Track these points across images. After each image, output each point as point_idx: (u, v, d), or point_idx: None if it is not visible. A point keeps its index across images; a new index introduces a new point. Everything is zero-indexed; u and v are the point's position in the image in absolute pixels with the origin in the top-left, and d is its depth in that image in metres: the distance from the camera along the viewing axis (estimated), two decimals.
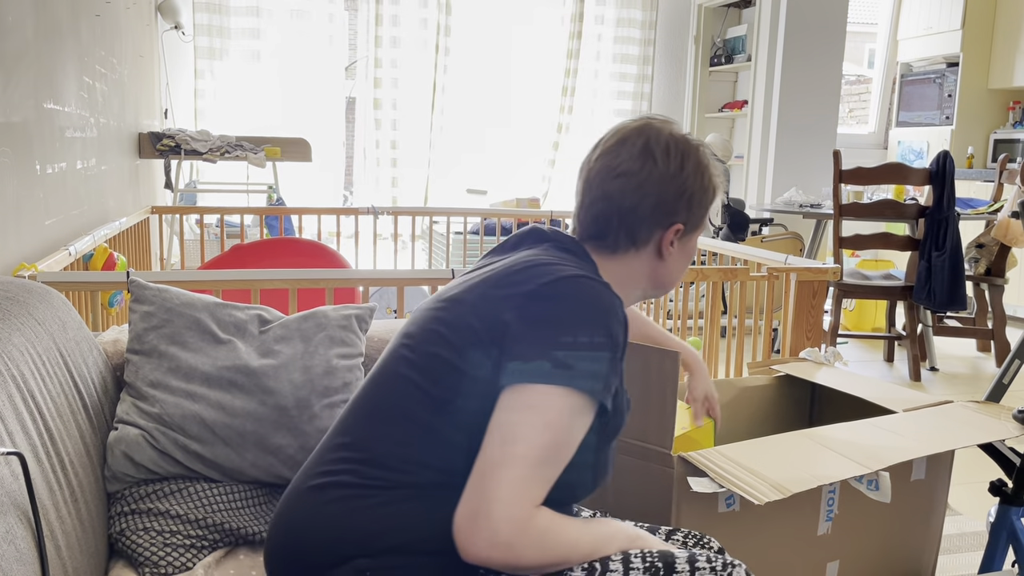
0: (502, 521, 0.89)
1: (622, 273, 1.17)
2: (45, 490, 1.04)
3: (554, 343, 0.96)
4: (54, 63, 2.66)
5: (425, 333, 1.05)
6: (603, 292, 1.02)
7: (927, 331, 4.11)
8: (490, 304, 1.02)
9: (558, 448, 0.94)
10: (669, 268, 1.19)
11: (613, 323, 1.00)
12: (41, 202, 2.51)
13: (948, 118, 6.14)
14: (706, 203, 1.19)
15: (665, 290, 1.22)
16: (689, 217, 1.17)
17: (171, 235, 4.42)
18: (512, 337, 0.98)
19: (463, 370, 1.00)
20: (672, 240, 1.16)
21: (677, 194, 1.14)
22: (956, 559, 2.12)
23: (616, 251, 1.16)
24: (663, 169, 1.14)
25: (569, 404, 0.95)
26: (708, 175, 1.18)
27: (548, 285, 1.01)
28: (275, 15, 5.26)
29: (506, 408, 0.95)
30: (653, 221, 1.14)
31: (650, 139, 1.15)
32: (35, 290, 1.30)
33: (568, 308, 0.99)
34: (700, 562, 1.00)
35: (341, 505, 1.00)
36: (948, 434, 1.54)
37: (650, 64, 6.03)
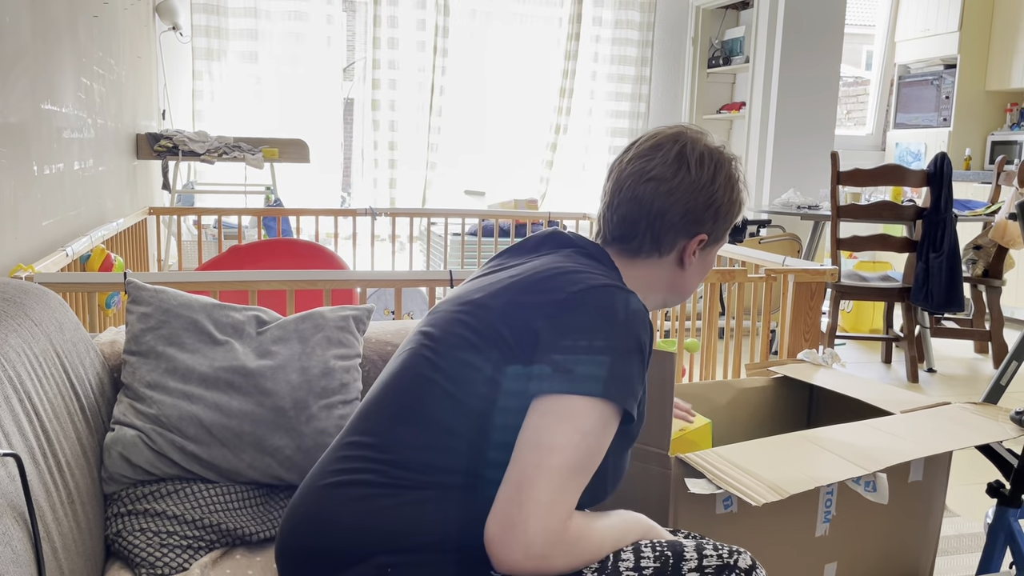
0: (539, 533, 0.90)
1: (643, 278, 1.18)
2: (41, 491, 1.04)
3: (586, 353, 0.97)
4: (51, 64, 2.66)
5: (450, 337, 1.05)
6: (632, 301, 1.03)
7: (925, 332, 4.12)
8: (519, 311, 1.02)
9: (591, 457, 0.96)
10: (687, 277, 1.21)
11: (642, 332, 1.01)
12: (38, 203, 2.51)
13: (946, 120, 6.15)
14: (731, 217, 1.20)
15: (681, 299, 1.23)
16: (714, 229, 1.18)
17: (168, 236, 4.41)
18: (544, 346, 0.99)
19: (493, 378, 1.00)
20: (695, 250, 1.17)
21: (706, 205, 1.15)
22: (954, 560, 2.12)
23: (639, 255, 1.17)
24: (695, 178, 1.15)
25: (601, 413, 0.96)
26: (737, 190, 1.19)
27: (579, 294, 1.01)
28: (273, 16, 5.26)
29: (540, 417, 0.95)
30: (680, 229, 1.16)
31: (686, 147, 1.15)
32: (32, 291, 1.29)
33: (599, 318, 0.99)
34: (707, 550, 1.01)
35: (363, 503, 0.99)
36: (946, 435, 1.54)
37: (648, 66, 6.03)
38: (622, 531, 1.02)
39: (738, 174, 1.19)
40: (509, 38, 5.78)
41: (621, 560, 0.98)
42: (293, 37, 5.31)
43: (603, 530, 0.99)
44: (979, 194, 5.49)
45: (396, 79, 5.52)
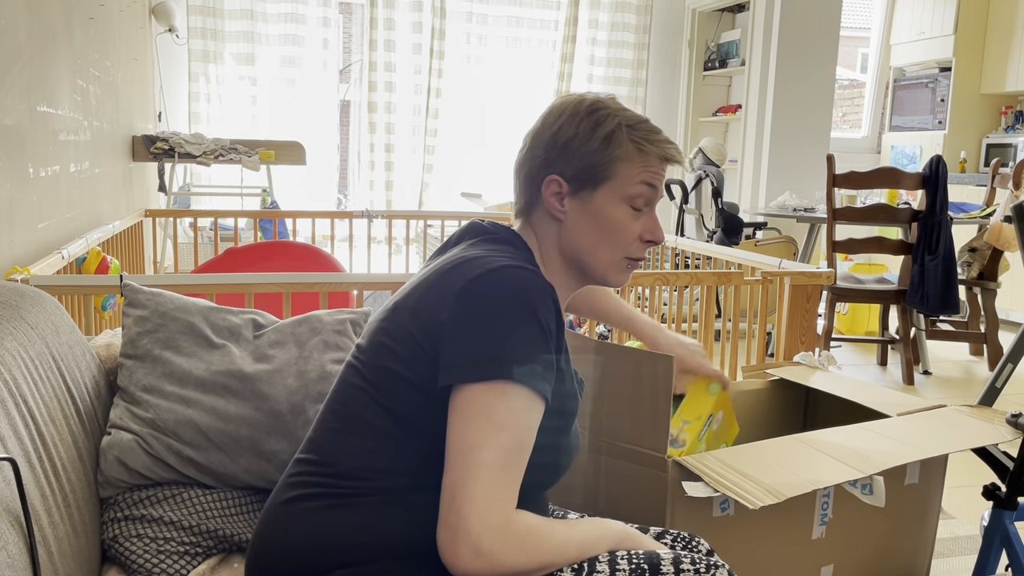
0: (481, 532, 0.89)
1: (543, 246, 1.15)
2: (37, 496, 1.04)
3: (486, 338, 0.95)
4: (47, 66, 2.65)
5: (372, 346, 1.05)
6: (529, 279, 0.99)
7: (920, 335, 4.12)
8: (426, 308, 1.01)
9: (518, 446, 0.94)
10: (572, 233, 1.12)
11: (541, 309, 0.98)
12: (34, 205, 2.50)
13: (941, 123, 6.16)
14: (590, 151, 1.09)
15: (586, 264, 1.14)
16: (567, 166, 1.10)
17: (165, 238, 4.41)
18: (447, 337, 0.97)
19: (412, 381, 1.00)
20: (559, 195, 1.11)
21: (551, 144, 1.11)
22: (950, 563, 2.13)
23: (525, 216, 1.16)
24: (542, 127, 1.13)
25: (514, 399, 0.94)
26: (593, 122, 1.10)
27: (476, 280, 0.99)
28: (269, 19, 5.26)
29: (457, 415, 0.94)
30: (530, 175, 1.14)
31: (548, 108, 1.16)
32: (27, 294, 1.29)
33: (493, 301, 0.97)
34: (685, 563, 1.00)
35: (314, 517, 1.00)
36: (941, 438, 1.55)
37: (644, 68, 6.04)
38: (593, 537, 1.00)
39: (590, 106, 1.11)
40: (505, 41, 5.79)
41: (596, 571, 0.98)
42: (290, 39, 5.31)
43: (566, 532, 0.98)
44: (974, 197, 5.50)
45: (392, 81, 5.52)
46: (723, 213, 4.58)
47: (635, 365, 1.43)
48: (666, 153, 1.12)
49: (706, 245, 3.20)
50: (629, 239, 1.13)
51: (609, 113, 1.11)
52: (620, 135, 1.10)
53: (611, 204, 1.11)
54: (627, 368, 1.44)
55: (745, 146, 5.50)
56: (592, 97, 1.13)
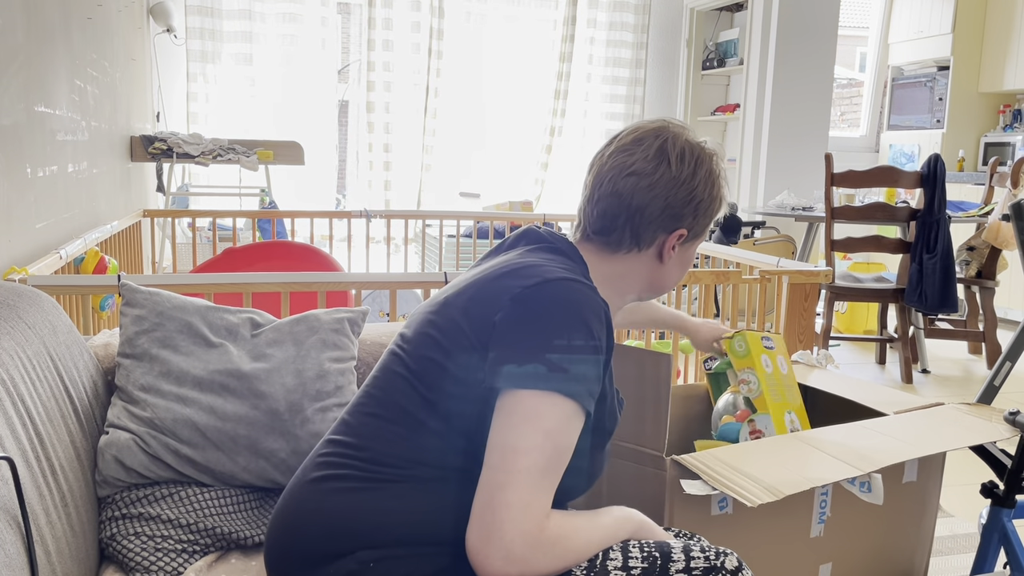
0: (516, 539, 0.90)
1: (620, 272, 1.18)
2: (35, 495, 1.04)
3: (540, 347, 0.97)
4: (45, 66, 2.65)
5: (418, 336, 1.06)
6: (587, 294, 1.02)
7: (918, 333, 4.13)
8: (479, 307, 1.02)
9: (559, 455, 0.95)
10: (667, 272, 1.21)
11: (596, 326, 1.00)
12: (32, 205, 2.50)
13: (939, 121, 6.17)
14: (712, 212, 1.20)
15: (659, 294, 1.23)
16: (694, 224, 1.18)
17: (163, 238, 4.41)
18: (499, 340, 0.99)
19: (454, 374, 1.00)
20: (675, 245, 1.18)
21: (686, 200, 1.15)
22: (948, 561, 2.13)
23: (618, 250, 1.17)
24: (676, 173, 1.14)
25: (562, 410, 0.96)
26: (718, 185, 1.19)
27: (534, 288, 1.01)
28: (267, 19, 5.26)
29: (503, 418, 0.95)
30: (659, 224, 1.15)
31: (667, 141, 1.16)
32: (25, 294, 1.29)
33: (552, 311, 0.99)
34: (695, 551, 1.01)
35: (342, 498, 1.01)
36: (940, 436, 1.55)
37: (643, 67, 6.04)
38: (612, 529, 1.02)
39: (719, 170, 1.19)
40: (504, 40, 5.79)
41: (609, 559, 0.99)
42: (288, 39, 5.30)
43: (589, 529, 0.99)
44: (972, 195, 5.51)
45: (391, 81, 5.52)
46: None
47: (636, 364, 1.44)
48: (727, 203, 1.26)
49: (704, 244, 3.20)
50: None
51: (723, 175, 1.20)
52: (724, 194, 1.21)
53: (695, 248, 1.24)
54: (628, 367, 1.44)
55: (743, 145, 5.50)
56: (711, 149, 1.19)
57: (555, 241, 1.15)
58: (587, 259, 1.17)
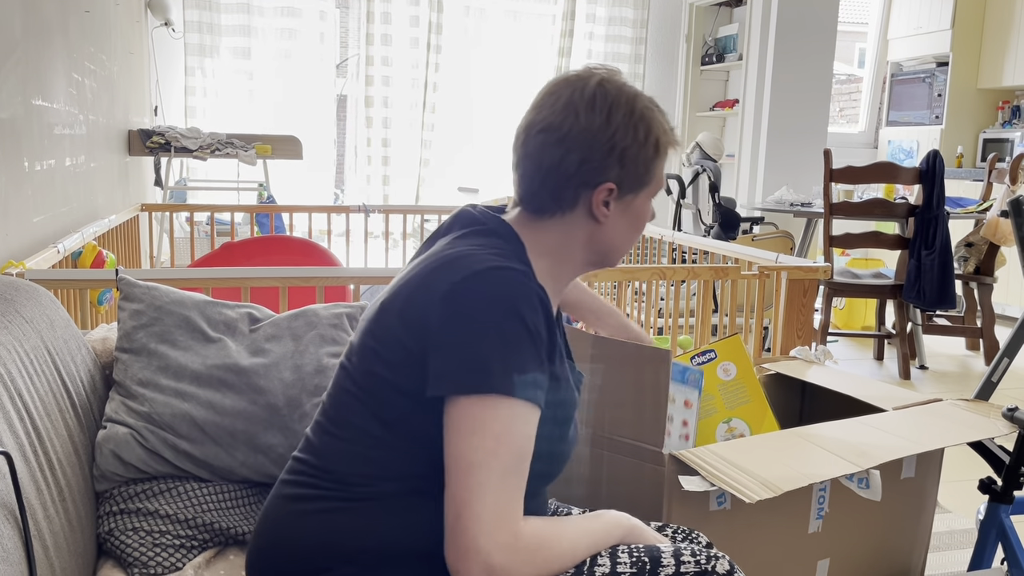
0: (492, 550, 0.88)
1: (558, 241, 1.08)
2: (32, 489, 1.04)
3: (474, 349, 0.92)
4: (42, 59, 2.64)
5: (361, 349, 1.03)
6: (517, 282, 0.96)
7: (917, 329, 4.13)
8: (413, 310, 0.98)
9: (517, 456, 0.92)
10: (609, 233, 1.09)
11: (530, 314, 0.95)
12: (29, 199, 2.49)
13: (938, 117, 6.16)
14: (646, 158, 1.06)
15: (611, 259, 1.13)
16: (625, 175, 1.05)
17: (161, 233, 4.40)
18: (434, 347, 0.95)
19: (401, 387, 0.97)
20: (606, 201, 1.06)
21: (605, 150, 1.03)
22: (945, 557, 2.13)
23: (543, 215, 1.07)
24: (586, 123, 1.03)
25: (508, 410, 0.92)
26: (645, 128, 1.05)
27: (461, 283, 0.96)
28: (266, 12, 5.24)
29: (452, 431, 0.92)
30: (579, 181, 1.04)
31: (576, 91, 1.05)
32: (23, 288, 1.29)
33: (481, 308, 0.94)
34: (685, 556, 1.00)
35: (315, 519, 1.00)
36: (938, 432, 1.55)
37: (642, 63, 6.03)
38: (600, 534, 1.00)
39: (642, 110, 1.06)
40: (503, 35, 5.77)
41: (597, 565, 0.97)
42: (286, 33, 5.29)
43: (573, 534, 0.97)
44: (971, 191, 5.51)
45: (389, 76, 5.51)
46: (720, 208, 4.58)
47: (632, 360, 1.43)
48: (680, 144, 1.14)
49: (703, 240, 3.20)
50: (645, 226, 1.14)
51: (654, 115, 1.07)
52: (665, 141, 1.08)
53: (645, 204, 1.11)
54: (624, 363, 1.44)
55: (742, 141, 5.50)
56: (633, 91, 1.07)
57: (487, 222, 1.08)
58: (524, 233, 1.08)
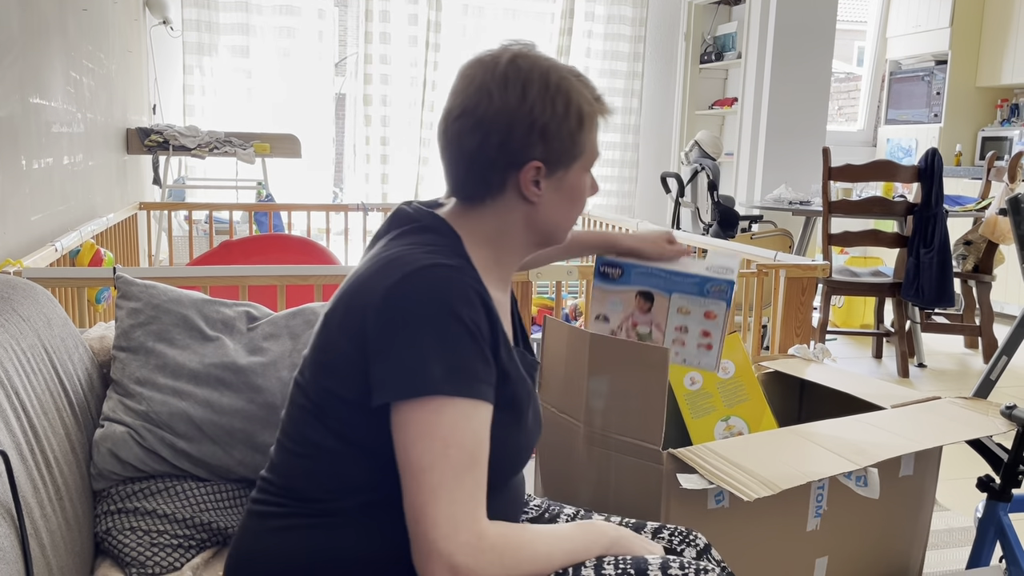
0: (455, 552, 0.87)
1: (496, 228, 1.05)
2: (29, 488, 1.03)
3: (410, 352, 0.91)
4: (40, 57, 2.64)
5: (312, 364, 1.02)
6: (451, 278, 0.94)
7: (915, 327, 4.13)
8: (352, 319, 0.97)
9: (469, 455, 0.90)
10: (546, 212, 1.06)
11: (465, 310, 0.93)
12: (27, 197, 2.49)
13: (936, 116, 6.16)
14: (570, 130, 1.02)
15: (556, 236, 1.09)
16: (550, 150, 1.01)
17: (159, 231, 4.39)
18: (374, 354, 0.93)
19: (351, 400, 0.96)
20: (535, 180, 1.02)
21: (525, 128, 0.99)
22: (944, 555, 2.13)
23: (475, 202, 1.05)
24: (500, 104, 1.00)
25: (453, 410, 0.90)
26: (564, 99, 1.01)
27: (394, 286, 0.94)
28: (264, 11, 5.23)
29: (400, 438, 0.91)
30: (502, 163, 1.01)
31: (488, 71, 1.02)
32: (20, 286, 1.28)
33: (414, 310, 0.92)
34: (673, 568, 0.99)
35: (280, 538, 1.01)
36: (936, 430, 1.55)
37: (640, 61, 6.03)
38: (581, 542, 0.98)
39: (559, 81, 1.01)
40: (501, 33, 5.76)
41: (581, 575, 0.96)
42: (284, 32, 5.28)
43: (549, 540, 0.95)
44: (969, 190, 5.51)
45: (388, 74, 5.50)
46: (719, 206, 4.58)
47: (629, 357, 1.43)
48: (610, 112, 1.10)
49: (702, 238, 3.20)
50: (585, 202, 1.11)
51: (572, 83, 1.03)
52: (590, 110, 1.04)
53: (580, 178, 1.07)
54: (621, 361, 1.44)
55: (741, 139, 5.50)
56: (548, 64, 1.03)
57: (421, 218, 1.05)
58: (460, 224, 1.05)
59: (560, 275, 2.32)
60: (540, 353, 1.63)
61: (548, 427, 1.59)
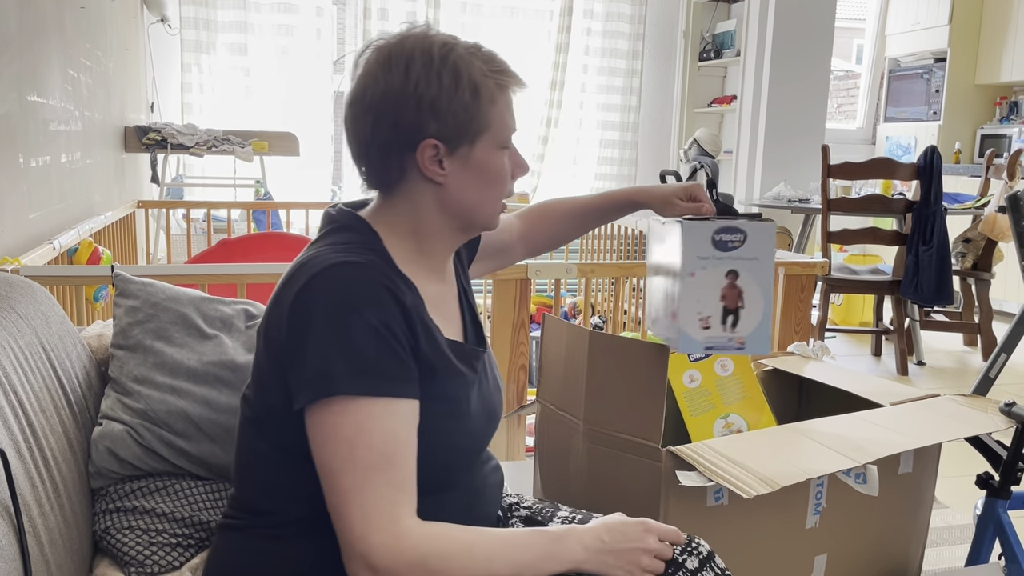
0: (368, 552, 0.87)
1: (409, 216, 1.03)
2: (27, 486, 1.03)
3: (313, 355, 0.90)
4: (37, 55, 2.63)
5: (252, 378, 1.02)
6: (353, 278, 0.92)
7: (914, 325, 4.13)
8: (272, 328, 0.96)
9: (381, 456, 0.88)
10: (457, 193, 1.01)
11: (367, 309, 0.91)
12: (24, 195, 2.49)
13: (935, 113, 6.16)
14: (463, 106, 0.97)
15: (477, 220, 1.05)
16: (444, 127, 0.97)
17: (157, 230, 4.39)
18: (287, 360, 0.93)
19: (284, 410, 0.95)
20: (438, 160, 0.99)
21: (414, 106, 0.96)
22: (943, 552, 2.13)
23: (387, 192, 1.03)
24: (386, 85, 0.96)
25: (356, 412, 0.89)
26: (452, 73, 0.97)
27: (302, 291, 0.93)
28: (262, 8, 5.23)
29: (313, 442, 0.91)
30: (398, 146, 0.98)
31: (373, 54, 0.99)
32: (17, 284, 1.28)
33: (315, 313, 0.91)
34: None
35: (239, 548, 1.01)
36: (935, 427, 1.55)
37: (639, 59, 6.03)
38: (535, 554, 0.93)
39: (444, 55, 0.97)
40: (500, 31, 5.76)
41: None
42: (283, 29, 5.28)
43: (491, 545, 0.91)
44: (969, 187, 5.51)
45: None
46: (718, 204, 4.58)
47: (627, 354, 1.43)
48: (518, 84, 1.05)
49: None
50: (507, 182, 1.06)
51: (461, 54, 0.98)
52: (484, 80, 0.99)
53: (491, 155, 1.02)
54: (620, 358, 1.44)
55: (740, 137, 5.50)
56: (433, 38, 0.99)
57: (341, 219, 1.04)
58: (379, 219, 1.03)
59: (559, 273, 2.31)
60: (539, 351, 1.62)
61: (547, 425, 1.59)
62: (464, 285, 1.17)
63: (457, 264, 1.17)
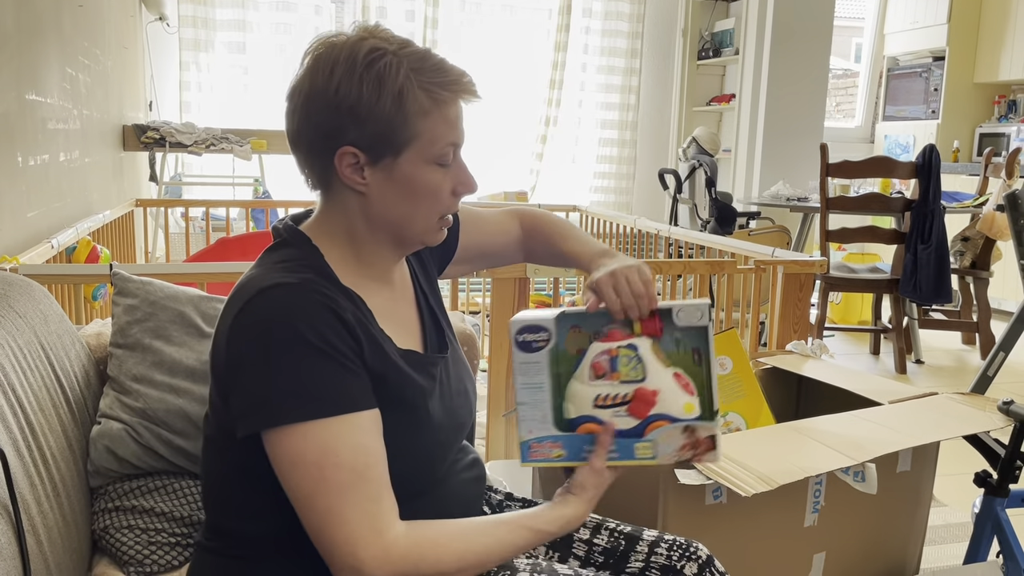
0: (361, 567, 0.86)
1: (341, 224, 1.00)
2: (26, 485, 1.03)
3: (257, 382, 0.88)
4: (36, 54, 2.63)
5: (209, 399, 1.01)
6: (288, 299, 0.90)
7: (913, 324, 4.13)
8: (216, 352, 0.95)
9: (352, 471, 0.87)
10: (379, 205, 0.97)
11: (306, 328, 0.88)
12: (23, 194, 2.49)
13: (934, 112, 6.16)
14: (384, 115, 0.92)
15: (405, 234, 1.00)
16: (363, 135, 0.93)
17: (156, 228, 4.39)
18: (230, 386, 0.92)
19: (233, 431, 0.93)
20: (358, 167, 0.95)
21: (332, 112, 0.92)
22: (941, 550, 2.14)
23: (323, 198, 1.01)
24: (310, 89, 0.94)
25: (318, 433, 0.87)
26: (375, 80, 0.92)
27: (238, 317, 0.91)
28: (261, 7, 5.22)
29: (277, 470, 0.89)
30: (319, 151, 0.95)
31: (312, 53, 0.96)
32: (16, 283, 1.28)
33: (254, 340, 0.89)
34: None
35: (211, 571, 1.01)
36: (933, 426, 1.55)
37: (638, 57, 6.03)
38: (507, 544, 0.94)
39: (370, 61, 0.92)
40: (499, 30, 5.76)
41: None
42: (281, 28, 5.28)
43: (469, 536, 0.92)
44: (967, 186, 5.51)
45: None
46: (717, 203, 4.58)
47: None
48: (463, 92, 0.98)
49: (699, 234, 3.19)
50: (443, 199, 0.99)
51: (390, 61, 0.93)
52: (411, 89, 0.93)
53: (419, 169, 0.96)
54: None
55: (739, 135, 5.50)
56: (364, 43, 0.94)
57: (282, 233, 1.02)
58: (317, 228, 1.01)
59: (558, 272, 2.31)
60: None
61: None
62: (423, 289, 1.13)
63: (417, 268, 1.14)
